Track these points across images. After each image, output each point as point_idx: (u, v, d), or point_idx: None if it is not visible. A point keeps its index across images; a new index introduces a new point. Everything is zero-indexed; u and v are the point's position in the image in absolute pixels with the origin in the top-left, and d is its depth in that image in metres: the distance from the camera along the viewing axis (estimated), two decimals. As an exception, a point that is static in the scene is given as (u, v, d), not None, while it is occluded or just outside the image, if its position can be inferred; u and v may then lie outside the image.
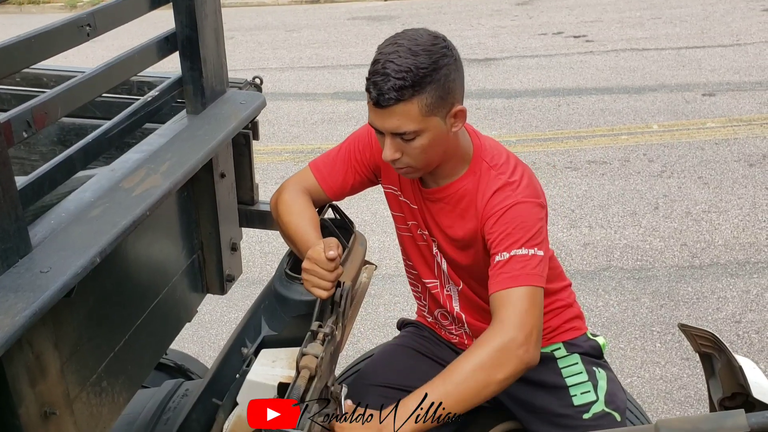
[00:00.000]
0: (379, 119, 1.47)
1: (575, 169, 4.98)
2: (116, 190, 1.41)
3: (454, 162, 1.60)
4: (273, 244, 4.23)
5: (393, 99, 1.42)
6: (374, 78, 1.44)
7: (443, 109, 1.47)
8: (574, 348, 1.78)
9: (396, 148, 1.50)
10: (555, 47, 7.58)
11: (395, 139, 1.48)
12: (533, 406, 1.76)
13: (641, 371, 3.17)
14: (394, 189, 1.73)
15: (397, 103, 1.43)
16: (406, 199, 1.71)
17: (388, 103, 1.43)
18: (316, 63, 7.62)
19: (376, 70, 1.45)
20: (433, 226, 1.68)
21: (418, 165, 1.53)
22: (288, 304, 1.72)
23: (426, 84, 1.43)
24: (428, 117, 1.45)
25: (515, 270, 1.48)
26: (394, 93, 1.42)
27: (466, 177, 1.61)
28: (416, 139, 1.47)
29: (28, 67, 1.32)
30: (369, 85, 1.46)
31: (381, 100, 1.43)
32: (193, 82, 1.74)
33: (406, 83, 1.41)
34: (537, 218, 1.55)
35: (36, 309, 1.09)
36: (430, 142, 1.49)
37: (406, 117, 1.44)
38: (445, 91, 1.46)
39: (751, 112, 5.69)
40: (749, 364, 1.58)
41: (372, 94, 1.45)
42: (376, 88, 1.43)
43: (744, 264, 3.85)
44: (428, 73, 1.42)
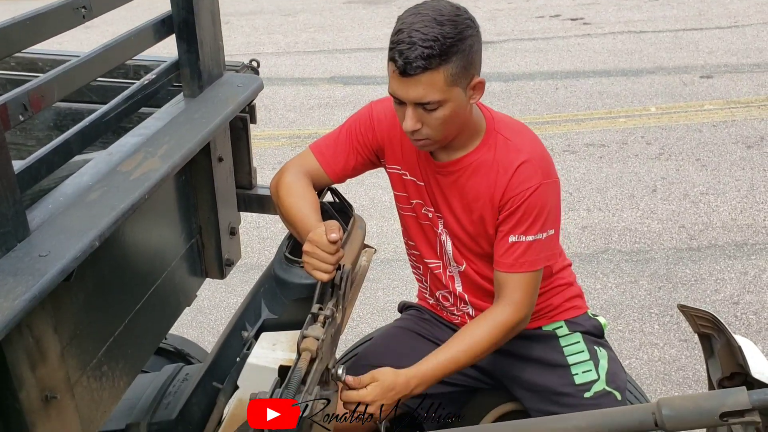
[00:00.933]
0: (403, 88, 1.47)
1: (573, 152, 4.97)
2: (114, 174, 1.40)
3: (468, 134, 1.61)
4: (271, 229, 4.22)
5: (420, 67, 1.42)
6: (400, 47, 1.43)
7: (465, 79, 1.48)
8: (576, 326, 1.79)
9: (417, 119, 1.50)
10: (552, 30, 7.55)
11: (417, 109, 1.49)
12: (534, 385, 1.77)
13: (640, 353, 3.18)
14: (398, 168, 1.73)
15: (424, 72, 1.43)
16: (412, 177, 1.71)
17: (415, 72, 1.43)
18: (313, 47, 7.57)
19: (401, 39, 1.44)
20: (441, 202, 1.68)
21: (437, 137, 1.53)
22: (288, 288, 1.72)
23: (452, 54, 1.43)
24: (451, 87, 1.46)
25: (530, 255, 1.58)
26: (422, 61, 1.41)
27: (481, 148, 1.62)
28: (438, 110, 1.48)
29: (23, 50, 1.30)
30: (394, 54, 1.44)
31: (408, 69, 1.43)
32: (189, 65, 1.72)
33: (434, 52, 1.41)
34: (556, 199, 1.61)
35: (36, 292, 1.09)
36: (451, 113, 1.49)
37: (431, 86, 1.44)
38: (469, 61, 1.47)
39: (749, 94, 5.68)
40: (748, 344, 1.58)
41: (398, 62, 1.44)
42: (403, 57, 1.43)
43: (742, 245, 3.86)
44: (454, 43, 1.43)
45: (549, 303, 1.77)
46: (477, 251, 1.70)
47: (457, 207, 1.66)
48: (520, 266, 1.59)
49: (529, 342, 1.79)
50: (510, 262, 1.59)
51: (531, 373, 1.78)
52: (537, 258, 1.59)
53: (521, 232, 1.58)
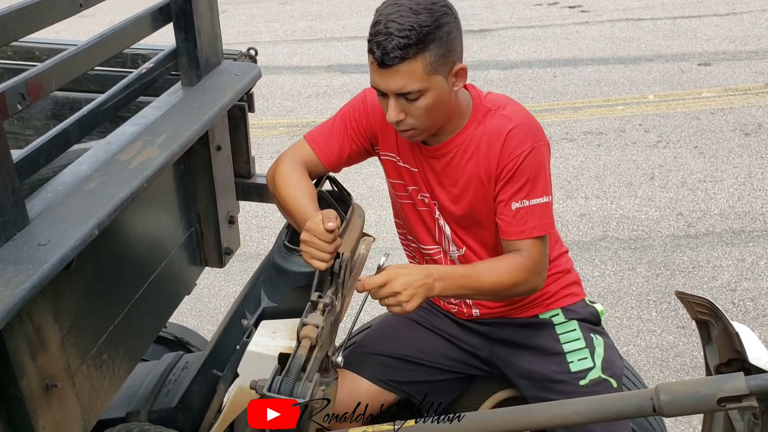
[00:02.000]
0: (383, 79, 1.47)
1: (571, 140, 4.97)
2: (113, 163, 1.40)
3: (456, 119, 1.61)
4: (269, 218, 4.22)
5: (398, 57, 1.43)
6: (377, 38, 1.44)
7: (445, 67, 1.49)
8: (572, 314, 1.79)
9: (400, 109, 1.50)
10: (550, 18, 7.52)
11: (399, 100, 1.49)
12: (530, 372, 1.78)
13: (637, 340, 3.19)
14: (392, 156, 1.73)
15: (402, 62, 1.44)
16: (405, 164, 1.71)
17: (393, 62, 1.44)
18: (310, 36, 7.54)
19: (378, 30, 1.45)
20: (435, 186, 1.68)
21: (422, 126, 1.54)
22: (287, 276, 1.73)
23: (429, 42, 1.44)
24: (432, 75, 1.47)
25: (537, 219, 1.58)
26: (398, 51, 1.42)
27: (469, 126, 1.62)
28: (420, 99, 1.49)
29: (21, 38, 1.30)
30: (372, 46, 1.46)
31: (386, 59, 1.44)
32: (187, 53, 1.72)
33: (410, 41, 1.42)
34: (548, 162, 1.61)
35: (36, 281, 1.09)
36: (433, 101, 1.50)
37: (410, 76, 1.45)
38: (447, 49, 1.47)
39: (747, 82, 5.67)
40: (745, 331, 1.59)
41: (376, 54, 1.45)
42: (380, 48, 1.44)
43: (739, 233, 3.87)
44: (431, 31, 1.44)
45: (546, 290, 1.78)
46: (474, 235, 1.71)
47: (452, 190, 1.66)
48: (530, 231, 1.57)
49: (525, 330, 1.80)
50: (518, 229, 1.58)
51: (527, 361, 1.78)
52: (543, 222, 1.58)
53: (523, 196, 1.57)
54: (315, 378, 1.27)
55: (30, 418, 1.20)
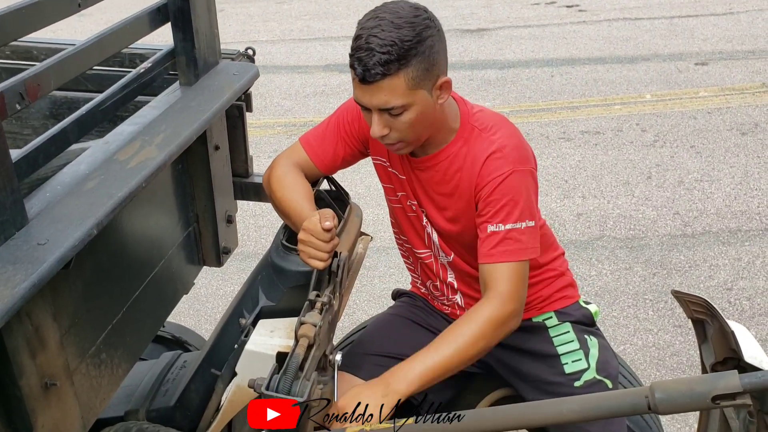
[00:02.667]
0: (366, 95, 1.46)
1: (568, 139, 4.98)
2: (111, 163, 1.41)
3: (444, 132, 1.60)
4: (267, 217, 4.23)
5: (379, 74, 1.41)
6: (358, 54, 1.42)
7: (429, 81, 1.47)
8: (565, 317, 1.80)
9: (384, 124, 1.49)
10: (548, 17, 7.53)
11: (383, 115, 1.48)
12: (525, 374, 1.78)
13: (634, 339, 3.20)
14: (382, 161, 1.73)
15: (384, 78, 1.42)
16: (394, 170, 1.71)
17: (375, 79, 1.42)
18: (307, 35, 7.54)
19: (359, 45, 1.43)
20: (422, 196, 1.69)
21: (407, 139, 1.53)
22: (285, 275, 1.73)
23: (411, 57, 1.42)
24: (415, 90, 1.45)
25: (510, 244, 1.53)
26: (380, 68, 1.40)
27: (455, 143, 1.61)
28: (404, 114, 1.47)
29: (19, 39, 1.30)
30: (353, 62, 1.44)
31: (367, 76, 1.42)
32: (185, 53, 1.73)
33: (391, 57, 1.40)
34: (530, 187, 1.58)
35: (35, 280, 1.10)
36: (417, 115, 1.48)
37: (392, 92, 1.43)
38: (430, 63, 1.45)
39: (744, 81, 5.69)
40: (741, 330, 1.60)
41: (357, 70, 1.43)
42: (361, 64, 1.42)
43: (736, 232, 3.88)
44: (413, 46, 1.41)
45: (539, 294, 1.78)
46: (462, 242, 1.71)
47: (437, 201, 1.67)
48: (500, 255, 1.53)
49: (519, 333, 1.79)
50: (488, 251, 1.55)
51: (522, 364, 1.79)
52: (517, 248, 1.54)
53: (499, 220, 1.54)
54: (313, 377, 1.28)
55: (29, 417, 1.21)
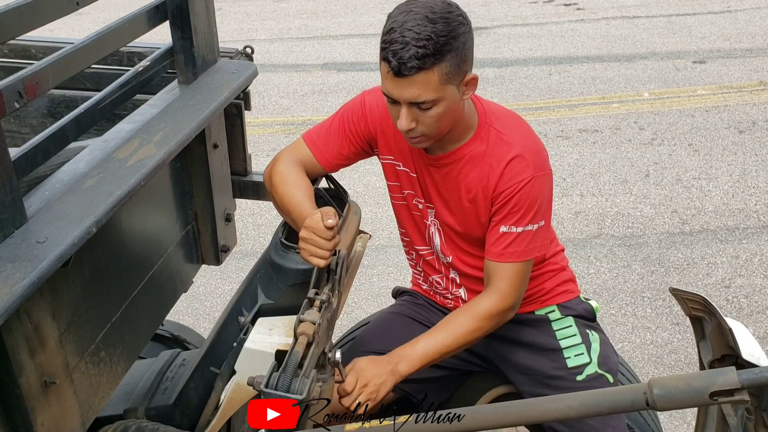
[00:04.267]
0: (398, 89, 1.45)
1: (567, 137, 4.98)
2: (110, 161, 1.41)
3: (462, 128, 1.61)
4: (266, 216, 4.23)
5: (415, 68, 1.41)
6: (393, 47, 1.41)
7: (459, 77, 1.47)
8: (568, 311, 1.81)
9: (412, 118, 1.49)
10: (546, 15, 7.53)
11: (411, 109, 1.48)
12: (527, 368, 1.79)
13: (632, 336, 3.21)
14: (392, 159, 1.73)
15: (419, 72, 1.41)
16: (405, 168, 1.71)
17: (410, 72, 1.41)
18: (306, 34, 7.54)
19: (393, 39, 1.42)
20: (433, 193, 1.69)
21: (431, 134, 1.53)
22: (284, 273, 1.73)
23: (446, 52, 1.42)
24: (445, 85, 1.45)
25: (520, 245, 1.59)
26: (416, 61, 1.40)
27: (474, 141, 1.62)
28: (433, 108, 1.47)
29: (17, 37, 1.30)
30: (387, 54, 1.42)
31: (403, 69, 1.41)
32: (184, 51, 1.72)
33: (428, 51, 1.40)
34: (547, 191, 1.61)
35: (34, 279, 1.10)
36: (445, 110, 1.49)
37: (426, 86, 1.43)
38: (462, 58, 1.46)
39: (741, 79, 5.69)
40: (739, 327, 1.60)
41: (392, 63, 1.42)
42: (396, 57, 1.41)
43: (733, 230, 3.89)
44: (448, 41, 1.42)
45: (541, 287, 1.79)
46: (464, 245, 1.72)
47: (448, 198, 1.67)
48: (509, 256, 1.60)
49: (521, 326, 1.81)
50: (498, 251, 1.60)
51: (524, 357, 1.79)
52: (526, 249, 1.60)
53: (512, 222, 1.59)
54: (312, 374, 1.28)
55: (28, 415, 1.21)
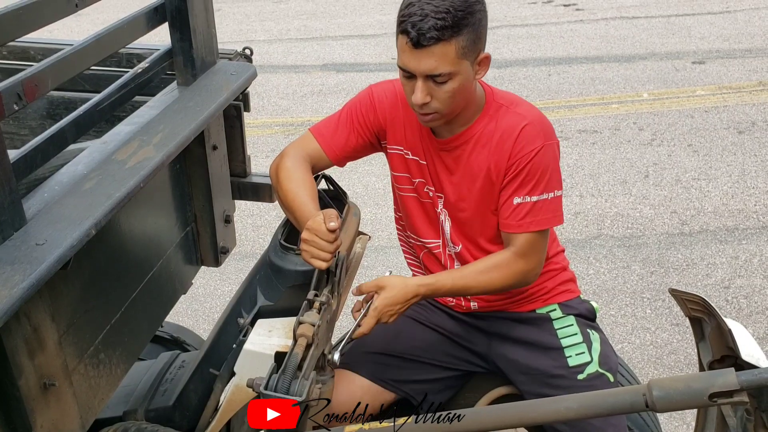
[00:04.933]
0: (415, 60, 1.49)
1: (566, 138, 4.98)
2: (109, 163, 1.41)
3: (471, 109, 1.64)
4: (265, 217, 4.23)
5: (434, 38, 1.45)
6: (412, 19, 1.46)
7: (473, 54, 1.52)
8: (569, 309, 1.81)
9: (427, 92, 1.52)
10: (545, 16, 7.54)
11: (427, 82, 1.51)
12: (528, 368, 1.79)
13: (632, 337, 3.21)
14: (400, 149, 1.74)
15: (437, 43, 1.46)
16: (415, 156, 1.73)
17: (429, 43, 1.46)
18: (305, 35, 7.54)
19: (412, 12, 1.46)
20: (444, 179, 1.70)
21: (445, 110, 1.56)
22: (283, 275, 1.73)
23: (463, 26, 1.47)
24: (461, 60, 1.50)
25: (537, 215, 1.61)
26: (435, 32, 1.45)
27: (482, 119, 1.65)
28: (448, 83, 1.51)
29: (16, 39, 1.30)
30: (406, 26, 1.47)
31: (422, 40, 1.45)
32: (183, 53, 1.72)
33: (446, 23, 1.45)
34: (557, 159, 1.64)
35: (33, 281, 1.10)
36: (459, 86, 1.52)
37: (443, 58, 1.47)
38: (477, 35, 1.51)
39: (741, 80, 5.70)
40: (738, 328, 1.61)
41: (411, 34, 1.46)
42: (416, 28, 1.45)
43: (733, 230, 3.89)
44: (465, 16, 1.47)
45: (543, 286, 1.79)
46: (474, 234, 1.72)
47: (460, 183, 1.68)
48: (527, 226, 1.61)
49: (523, 325, 1.81)
50: (515, 223, 1.62)
51: (525, 356, 1.80)
52: (543, 218, 1.62)
53: (526, 192, 1.61)
54: (311, 376, 1.28)
55: (28, 417, 1.21)
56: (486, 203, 1.67)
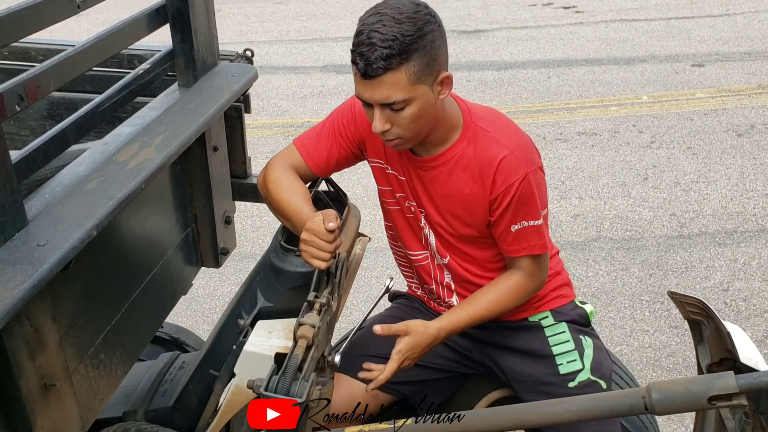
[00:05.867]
0: (368, 90, 1.47)
1: (565, 140, 4.99)
2: (110, 164, 1.41)
3: (445, 129, 1.61)
4: (265, 218, 4.23)
5: (381, 68, 1.42)
6: (360, 49, 1.43)
7: (430, 76, 1.48)
8: (561, 316, 1.81)
9: (386, 120, 1.50)
10: (545, 18, 7.54)
11: (384, 111, 1.48)
12: (521, 375, 1.79)
13: (630, 339, 3.21)
14: (380, 162, 1.73)
15: (386, 73, 1.43)
16: (393, 171, 1.72)
17: (377, 73, 1.43)
18: (305, 36, 7.55)
19: (360, 41, 1.44)
20: (423, 196, 1.69)
21: (408, 135, 1.53)
22: (283, 276, 1.73)
23: (413, 51, 1.43)
24: (416, 85, 1.46)
25: (539, 238, 1.65)
26: (382, 62, 1.41)
27: (460, 142, 1.62)
28: (405, 109, 1.48)
29: (18, 40, 1.31)
30: (355, 57, 1.45)
31: (369, 71, 1.43)
32: (184, 54, 1.73)
33: (393, 51, 1.41)
34: (541, 183, 1.64)
35: (35, 282, 1.10)
36: (419, 110, 1.49)
37: (394, 86, 1.44)
38: (431, 57, 1.46)
39: (740, 83, 5.70)
40: (737, 331, 1.61)
41: (359, 65, 1.44)
42: (363, 59, 1.43)
43: (732, 233, 3.89)
44: (414, 41, 1.42)
45: (535, 294, 1.79)
46: (459, 246, 1.72)
47: (438, 201, 1.67)
48: (531, 249, 1.66)
49: (514, 332, 1.81)
50: (518, 247, 1.66)
51: (517, 364, 1.80)
52: (537, 243, 1.66)
53: (521, 219, 1.62)
54: (311, 377, 1.28)
55: (28, 417, 1.21)
56: (468, 222, 1.67)
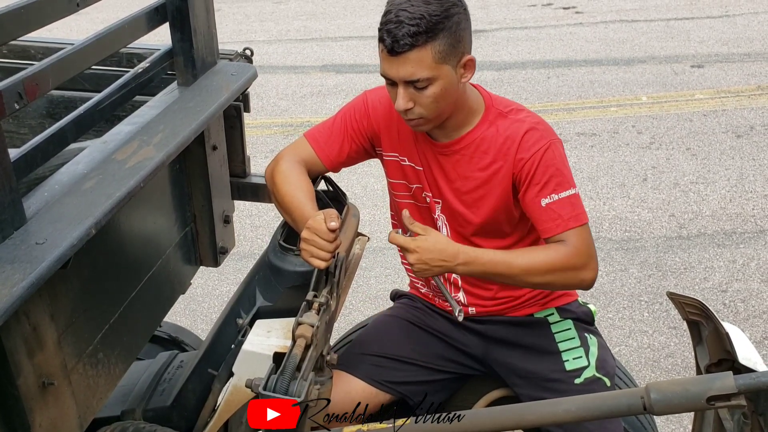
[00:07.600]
0: (393, 67, 1.50)
1: (564, 141, 4.98)
2: (109, 162, 1.41)
3: (465, 113, 1.64)
4: (264, 217, 4.23)
5: (408, 45, 1.46)
6: (388, 26, 1.48)
7: (454, 57, 1.52)
8: (567, 313, 1.81)
9: (409, 98, 1.53)
10: (545, 19, 7.55)
11: (408, 89, 1.52)
12: (525, 371, 1.79)
13: (629, 340, 3.22)
14: (396, 155, 1.74)
15: (412, 49, 1.47)
16: (411, 162, 1.73)
17: (403, 49, 1.47)
18: (304, 35, 7.54)
19: (389, 19, 1.48)
20: (442, 184, 1.70)
21: (429, 115, 1.56)
22: (282, 275, 1.73)
23: (439, 31, 1.47)
24: (440, 65, 1.50)
25: (573, 210, 1.57)
26: (408, 39, 1.46)
27: (482, 125, 1.65)
28: (429, 88, 1.51)
29: (18, 38, 1.30)
30: (382, 34, 1.49)
31: (396, 47, 1.47)
32: (183, 53, 1.73)
33: (420, 29, 1.46)
34: (565, 156, 1.64)
35: (33, 280, 1.10)
36: (441, 90, 1.52)
37: (419, 64, 1.48)
38: (456, 39, 1.51)
39: (739, 84, 5.71)
40: (736, 331, 1.61)
41: (386, 41, 1.48)
42: (390, 36, 1.47)
43: (731, 234, 3.89)
44: (440, 20, 1.47)
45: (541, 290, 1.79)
46: (472, 239, 1.72)
47: (460, 185, 1.68)
48: (566, 223, 1.55)
49: (520, 329, 1.81)
50: (553, 224, 1.57)
51: (522, 360, 1.80)
52: (579, 213, 1.57)
53: (551, 191, 1.58)
54: (310, 377, 1.28)
55: (26, 416, 1.21)
56: (488, 206, 1.67)
